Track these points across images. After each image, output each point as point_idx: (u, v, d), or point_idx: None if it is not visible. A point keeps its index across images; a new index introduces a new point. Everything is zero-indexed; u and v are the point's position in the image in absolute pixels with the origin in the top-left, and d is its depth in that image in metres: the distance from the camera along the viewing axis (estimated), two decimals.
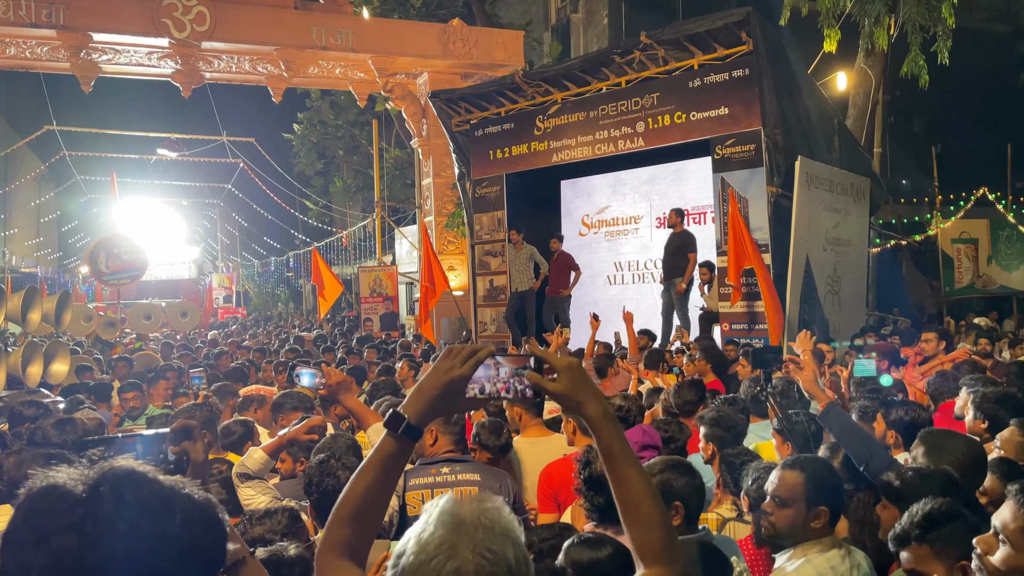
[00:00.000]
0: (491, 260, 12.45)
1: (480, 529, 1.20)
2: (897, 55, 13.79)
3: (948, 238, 17.14)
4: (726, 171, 9.59)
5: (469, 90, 12.84)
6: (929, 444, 2.87)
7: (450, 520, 1.21)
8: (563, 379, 1.56)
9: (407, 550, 1.21)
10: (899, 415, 3.66)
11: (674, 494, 2.67)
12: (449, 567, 1.16)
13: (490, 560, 1.17)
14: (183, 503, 1.19)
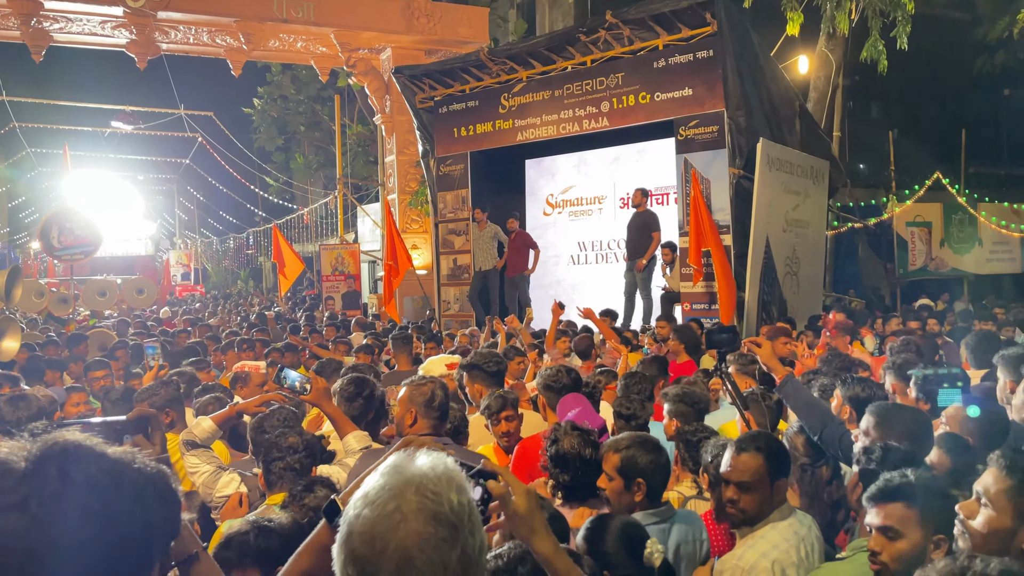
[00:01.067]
0: (455, 239, 12.41)
1: (423, 476, 1.21)
2: (858, 40, 13.96)
3: (903, 221, 17.49)
4: (689, 152, 9.65)
5: (433, 66, 12.71)
6: (878, 416, 2.93)
7: (394, 470, 1.22)
8: (520, 502, 1.59)
9: (355, 506, 1.21)
10: (855, 391, 3.74)
11: (638, 471, 2.70)
12: (391, 506, 1.17)
13: (432, 500, 1.18)
14: (133, 477, 1.15)
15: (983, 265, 19.22)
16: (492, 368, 4.44)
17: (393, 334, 7.69)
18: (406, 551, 1.16)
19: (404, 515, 1.17)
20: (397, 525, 1.17)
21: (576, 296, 12.67)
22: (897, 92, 21.67)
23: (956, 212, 18.26)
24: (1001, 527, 1.85)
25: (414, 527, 1.17)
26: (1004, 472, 1.94)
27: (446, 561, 1.17)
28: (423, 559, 1.16)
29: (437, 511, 1.18)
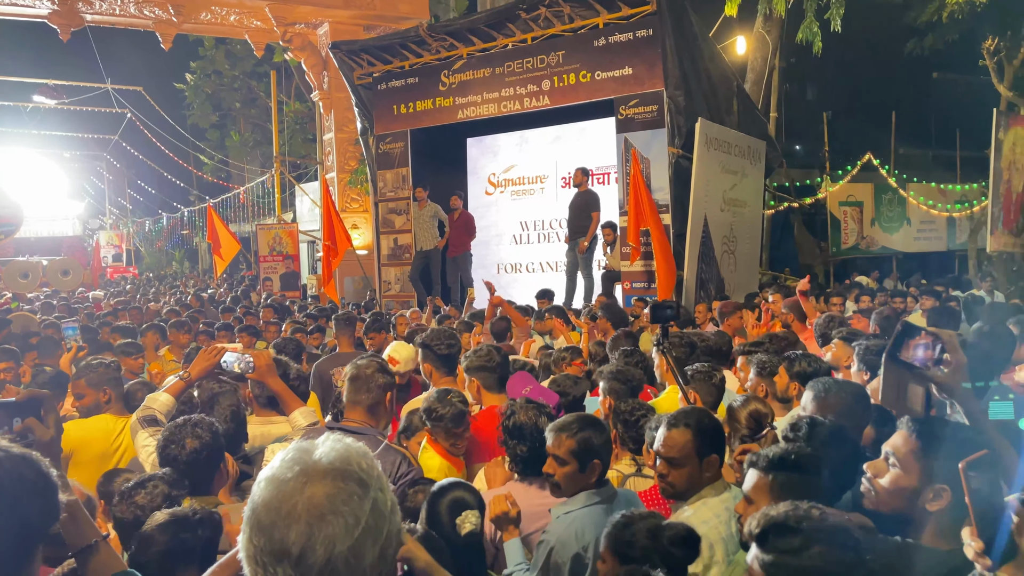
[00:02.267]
0: (395, 218, 12.24)
1: (328, 447, 1.19)
2: (794, 21, 14.18)
3: (836, 201, 17.96)
4: (629, 132, 9.69)
5: (372, 42, 12.45)
6: (817, 391, 2.96)
7: (296, 446, 1.21)
8: None
9: (258, 483, 1.18)
10: (802, 367, 3.79)
11: (594, 452, 2.69)
12: (295, 470, 1.15)
13: (339, 461, 1.16)
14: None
15: (911, 243, 19.90)
16: (443, 350, 4.34)
17: (336, 315, 7.58)
18: (315, 507, 1.11)
19: (310, 476, 1.14)
20: (303, 486, 1.13)
21: (518, 276, 12.67)
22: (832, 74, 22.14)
23: (886, 192, 18.83)
24: (907, 486, 1.93)
25: (321, 486, 1.13)
26: (913, 435, 2.00)
27: (358, 514, 1.13)
28: (334, 513, 1.12)
29: (345, 469, 1.16)
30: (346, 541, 1.11)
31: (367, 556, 1.13)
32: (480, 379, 3.98)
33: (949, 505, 1.90)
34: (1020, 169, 15.21)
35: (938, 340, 2.00)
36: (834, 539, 1.61)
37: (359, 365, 3.04)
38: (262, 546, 1.12)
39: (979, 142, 15.24)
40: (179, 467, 2.74)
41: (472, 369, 4.03)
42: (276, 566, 1.11)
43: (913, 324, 2.07)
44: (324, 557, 1.10)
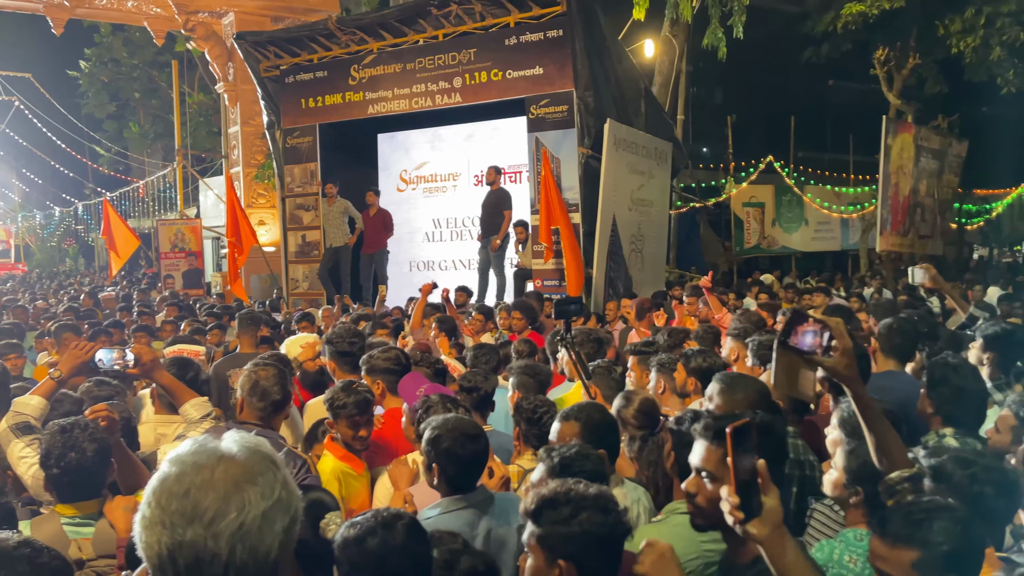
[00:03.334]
0: (303, 214, 11.97)
1: (231, 436, 1.21)
2: (700, 27, 14.61)
3: (739, 202, 18.61)
4: (540, 131, 9.77)
5: (279, 34, 12.14)
6: (723, 385, 3.05)
7: (205, 438, 1.21)
8: None
9: (158, 475, 1.17)
10: (698, 363, 3.90)
11: (433, 457, 2.68)
12: (205, 453, 1.16)
13: (248, 443, 1.20)
14: None
15: (809, 243, 20.82)
16: (344, 347, 4.26)
17: (239, 313, 7.35)
18: (231, 477, 1.14)
19: (223, 454, 1.16)
20: (218, 461, 1.15)
21: (431, 273, 12.59)
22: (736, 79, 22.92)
23: (786, 194, 19.64)
24: None
25: (236, 461, 1.16)
26: (713, 443, 2.07)
27: (272, 485, 1.17)
28: (249, 483, 1.15)
29: (257, 449, 1.19)
30: (260, 506, 1.14)
31: (277, 523, 1.16)
32: (386, 382, 3.93)
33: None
34: (907, 173, 16.11)
35: (826, 328, 2.07)
36: (598, 504, 1.84)
37: (256, 371, 2.96)
38: (173, 509, 1.11)
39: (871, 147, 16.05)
40: (64, 478, 2.60)
41: (377, 371, 3.95)
42: (187, 528, 1.11)
43: (802, 312, 2.15)
44: (237, 522, 1.12)
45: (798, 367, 2.13)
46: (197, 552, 1.11)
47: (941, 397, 3.12)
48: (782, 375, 2.15)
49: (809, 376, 2.16)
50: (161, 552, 1.11)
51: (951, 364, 3.16)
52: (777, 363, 2.15)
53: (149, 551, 1.13)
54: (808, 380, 2.16)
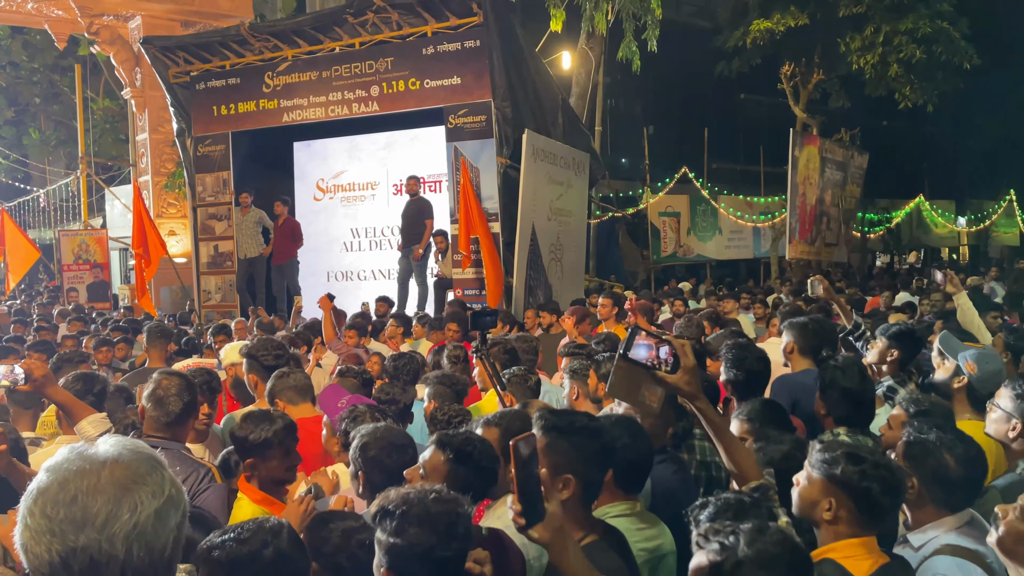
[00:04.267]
0: (216, 224, 11.63)
1: (113, 441, 1.20)
2: (615, 40, 14.91)
3: (656, 212, 19.04)
4: (459, 140, 9.76)
5: (189, 39, 11.79)
6: None
7: (80, 446, 1.19)
8: None
9: (37, 481, 1.15)
10: (608, 369, 3.94)
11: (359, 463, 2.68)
12: (87, 457, 1.15)
13: (131, 446, 1.19)
14: None
15: (723, 251, 21.46)
16: (269, 361, 4.14)
17: (149, 326, 7.11)
18: (118, 479, 1.14)
19: (104, 460, 1.15)
20: (100, 466, 1.14)
21: (349, 283, 12.42)
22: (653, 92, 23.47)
23: (700, 203, 20.20)
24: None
25: (119, 464, 1.15)
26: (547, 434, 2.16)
27: (161, 484, 1.17)
28: (137, 484, 1.15)
29: (136, 448, 1.19)
30: (152, 505, 1.14)
31: (171, 520, 1.17)
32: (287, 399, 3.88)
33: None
34: (813, 184, 16.81)
35: (665, 343, 2.15)
36: (429, 521, 1.83)
37: (158, 381, 2.85)
38: (61, 517, 1.10)
39: (780, 158, 16.68)
40: None
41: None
42: (79, 533, 1.10)
43: (640, 326, 2.24)
44: (131, 522, 1.12)
45: (640, 379, 2.20)
46: (92, 555, 1.10)
47: (831, 399, 3.25)
48: (619, 385, 2.22)
49: (654, 390, 2.21)
50: (52, 560, 1.10)
51: (838, 366, 3.29)
52: (615, 373, 2.22)
53: (37, 561, 1.11)
54: (653, 393, 2.21)
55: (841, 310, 5.47)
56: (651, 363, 2.13)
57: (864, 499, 2.14)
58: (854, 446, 2.27)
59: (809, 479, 2.23)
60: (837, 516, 2.15)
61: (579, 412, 2.25)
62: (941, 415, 3.07)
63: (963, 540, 2.26)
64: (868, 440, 3.27)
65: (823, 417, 3.32)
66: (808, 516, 2.23)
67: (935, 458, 2.37)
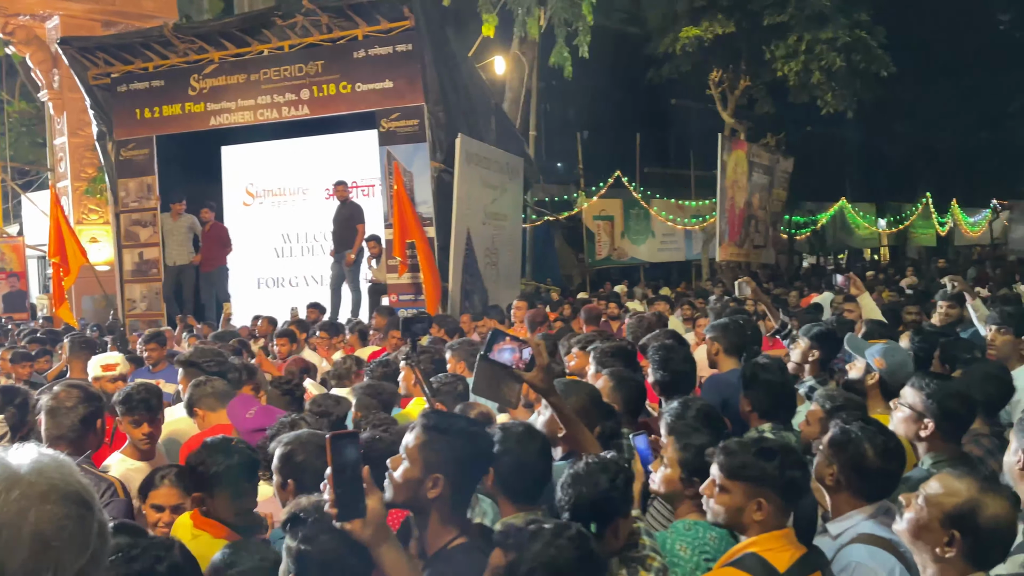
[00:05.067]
0: (140, 231, 11.28)
1: (36, 462, 1.10)
2: (548, 46, 15.02)
3: (591, 215, 19.25)
4: (392, 144, 9.70)
5: (109, 40, 11.43)
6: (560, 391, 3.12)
7: None
8: None
9: None
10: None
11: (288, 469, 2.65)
12: (13, 494, 1.05)
13: (59, 480, 1.09)
14: None
15: (655, 254, 21.82)
16: (213, 368, 4.04)
17: (71, 337, 6.90)
18: (40, 534, 1.03)
19: (30, 499, 1.05)
20: (25, 510, 1.03)
21: (280, 290, 12.19)
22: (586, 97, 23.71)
23: (633, 207, 20.50)
24: (412, 477, 2.06)
25: (46, 508, 1.05)
26: (420, 430, 2.14)
27: (87, 537, 1.08)
28: (62, 538, 1.05)
29: (67, 490, 1.08)
30: (76, 564, 1.06)
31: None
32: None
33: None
34: (741, 188, 17.24)
35: (525, 345, 2.35)
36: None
37: (55, 392, 2.75)
38: None
39: (710, 163, 17.03)
40: None
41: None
42: None
43: (500, 330, 2.44)
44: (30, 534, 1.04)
45: (501, 378, 2.37)
46: None
47: (755, 395, 3.35)
48: (483, 383, 2.39)
49: (513, 387, 2.39)
50: None
51: (761, 364, 3.39)
52: (479, 372, 2.38)
53: None
54: (512, 390, 2.40)
55: (768, 310, 5.63)
56: (514, 364, 2.31)
57: (789, 489, 2.21)
58: (758, 441, 2.34)
59: (725, 487, 2.27)
60: (767, 514, 2.21)
61: (461, 416, 2.29)
62: (854, 408, 3.19)
63: (878, 529, 2.34)
64: (791, 436, 3.37)
65: (748, 413, 3.41)
66: (734, 524, 2.28)
67: (855, 448, 2.44)
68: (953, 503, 1.95)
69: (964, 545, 1.92)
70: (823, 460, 2.51)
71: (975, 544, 1.92)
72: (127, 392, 3.42)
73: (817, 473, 2.53)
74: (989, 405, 3.33)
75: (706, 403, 2.97)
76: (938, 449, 2.84)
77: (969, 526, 1.92)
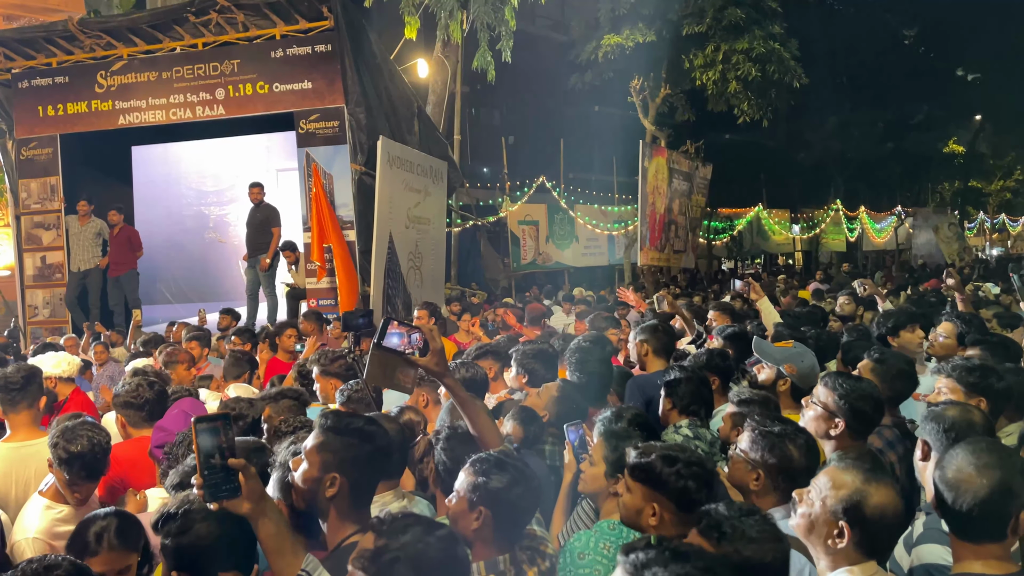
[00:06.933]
0: (43, 233, 10.72)
1: None
2: (471, 50, 15.01)
3: (516, 220, 19.30)
4: (311, 146, 9.50)
5: (9, 33, 10.81)
6: None
7: None
8: None
9: None
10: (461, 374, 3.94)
11: None
12: None
13: None
14: None
15: (580, 258, 22.04)
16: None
17: None
18: None
19: None
20: None
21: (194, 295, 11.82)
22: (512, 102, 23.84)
23: (558, 212, 20.66)
24: (311, 476, 2.13)
25: None
26: (321, 432, 2.20)
27: None
28: None
29: None
30: None
31: None
32: (125, 416, 3.68)
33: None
34: (662, 194, 17.58)
35: (415, 330, 2.43)
36: (213, 515, 1.92)
37: None
38: None
39: (632, 169, 17.29)
40: None
41: (117, 406, 3.72)
42: None
43: (393, 317, 2.51)
44: None
45: (395, 365, 2.43)
46: None
47: (676, 392, 3.40)
48: (376, 370, 2.43)
49: (408, 372, 2.45)
50: None
51: (681, 365, 3.44)
52: (370, 362, 2.42)
53: None
54: (407, 376, 2.47)
55: (685, 322, 5.72)
56: (404, 349, 2.38)
57: (682, 497, 2.22)
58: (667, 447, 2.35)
59: (628, 486, 2.29)
60: (662, 519, 2.22)
61: (359, 416, 2.26)
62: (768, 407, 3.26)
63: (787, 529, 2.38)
64: (707, 432, 3.43)
65: (668, 411, 3.45)
66: (635, 525, 2.29)
67: (781, 450, 2.49)
68: (839, 495, 1.99)
69: (853, 535, 1.97)
70: (743, 466, 2.53)
71: (863, 534, 1.97)
72: (69, 450, 2.83)
73: (737, 479, 2.55)
74: (894, 399, 3.45)
75: (640, 411, 2.99)
76: (846, 447, 2.91)
77: (856, 517, 1.97)
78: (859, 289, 7.64)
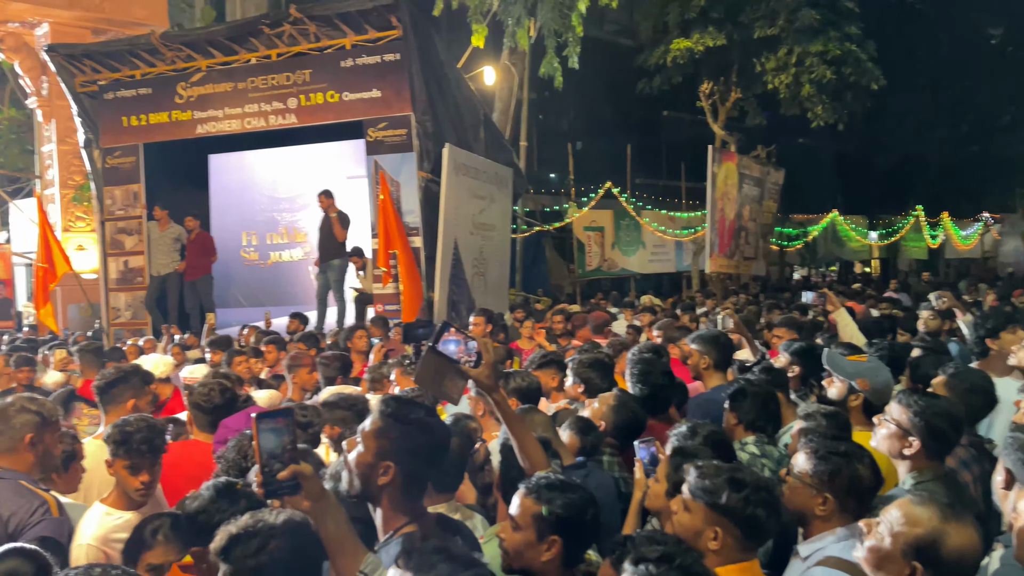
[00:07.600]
0: (126, 239, 11.18)
1: None
2: (540, 56, 15.03)
3: (581, 226, 19.20)
4: (379, 154, 9.65)
5: (96, 47, 11.34)
6: None
7: None
8: None
9: None
10: (518, 383, 3.92)
11: None
12: None
13: None
14: None
15: (646, 265, 21.78)
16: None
17: (82, 346, 6.88)
18: None
19: None
20: None
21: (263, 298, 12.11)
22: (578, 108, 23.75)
23: (624, 218, 20.47)
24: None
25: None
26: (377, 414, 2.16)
27: None
28: None
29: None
30: None
31: None
32: (195, 417, 3.78)
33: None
34: (732, 199, 17.21)
35: (471, 340, 2.39)
36: (287, 531, 1.92)
37: (4, 406, 2.67)
38: None
39: (700, 174, 17.00)
40: None
41: (190, 404, 3.82)
42: None
43: (451, 323, 2.48)
44: None
45: (445, 372, 2.36)
46: None
47: (741, 407, 3.29)
48: (427, 375, 2.38)
49: (457, 383, 2.38)
50: None
51: (747, 378, 3.34)
52: (423, 364, 2.36)
53: None
54: (455, 386, 2.39)
55: (748, 343, 5.54)
56: (459, 357, 2.33)
57: (749, 525, 2.13)
58: (735, 469, 2.25)
59: (689, 507, 2.20)
60: (724, 544, 2.13)
61: (422, 405, 2.19)
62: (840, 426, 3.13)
63: (846, 552, 2.27)
64: (775, 450, 3.32)
65: (733, 427, 3.35)
66: (692, 546, 2.20)
67: (850, 470, 2.37)
68: (915, 534, 1.86)
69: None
70: (805, 491, 2.39)
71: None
72: (124, 430, 2.81)
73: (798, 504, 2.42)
74: (970, 417, 3.28)
75: (716, 428, 2.90)
76: (922, 467, 2.76)
77: (931, 557, 1.83)
78: (936, 303, 7.26)
